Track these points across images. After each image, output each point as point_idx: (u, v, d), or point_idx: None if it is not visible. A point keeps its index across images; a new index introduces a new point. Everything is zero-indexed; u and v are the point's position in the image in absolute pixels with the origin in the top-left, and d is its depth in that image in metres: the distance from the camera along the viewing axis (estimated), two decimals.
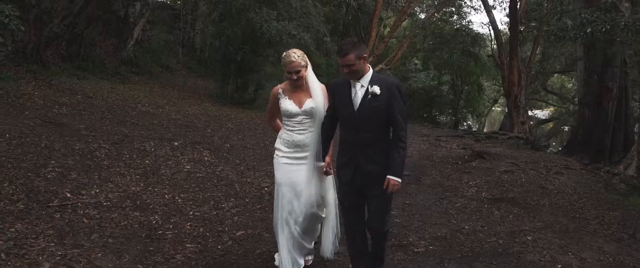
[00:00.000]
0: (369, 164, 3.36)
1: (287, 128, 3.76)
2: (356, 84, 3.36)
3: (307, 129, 3.70)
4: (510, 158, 10.17)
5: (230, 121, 11.97)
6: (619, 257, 4.82)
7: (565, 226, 5.85)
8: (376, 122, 3.33)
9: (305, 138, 3.68)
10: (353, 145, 3.40)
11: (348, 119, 3.41)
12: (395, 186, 3.29)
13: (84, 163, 6.33)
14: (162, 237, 4.46)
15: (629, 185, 8.42)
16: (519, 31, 17.41)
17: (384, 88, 3.29)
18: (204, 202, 5.74)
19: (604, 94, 11.51)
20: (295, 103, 3.68)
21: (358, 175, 3.41)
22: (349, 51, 3.25)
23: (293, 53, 3.63)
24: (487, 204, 6.77)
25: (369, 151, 3.36)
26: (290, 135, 3.73)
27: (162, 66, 18.22)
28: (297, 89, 3.71)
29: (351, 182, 3.46)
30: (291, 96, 3.71)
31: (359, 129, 3.34)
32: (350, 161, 3.43)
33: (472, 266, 4.33)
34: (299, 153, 3.70)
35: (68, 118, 8.58)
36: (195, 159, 7.70)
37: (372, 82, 3.33)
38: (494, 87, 28.96)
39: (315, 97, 3.66)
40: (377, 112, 3.30)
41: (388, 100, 3.28)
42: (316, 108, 3.65)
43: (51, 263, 3.57)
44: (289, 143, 3.72)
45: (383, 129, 3.37)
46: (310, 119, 3.69)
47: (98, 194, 5.37)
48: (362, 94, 3.33)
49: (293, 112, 3.68)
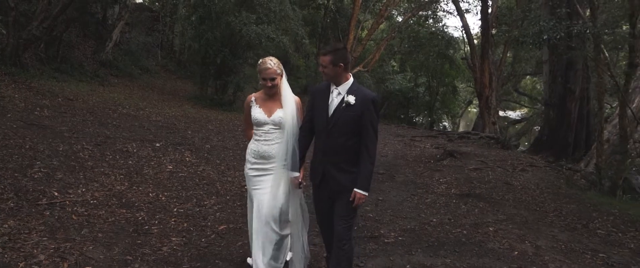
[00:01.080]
0: (336, 172, 3.40)
1: (255, 137, 3.74)
2: (334, 91, 3.41)
3: (274, 140, 3.66)
4: (480, 157, 10.68)
5: (210, 123, 12.21)
6: (570, 244, 5.28)
7: (525, 218, 6.31)
8: (347, 130, 3.34)
9: (271, 149, 3.65)
10: (322, 150, 3.44)
11: (321, 124, 3.43)
12: (361, 199, 3.35)
13: (68, 163, 6.54)
14: (149, 232, 4.73)
15: (588, 181, 8.99)
16: (490, 35, 18.05)
17: (359, 99, 3.33)
18: (187, 200, 6.02)
19: (568, 95, 12.16)
20: (265, 112, 3.66)
21: (325, 179, 3.46)
22: (328, 53, 3.32)
23: (269, 60, 3.62)
24: (455, 199, 7.21)
25: (335, 159, 3.40)
26: (257, 145, 3.70)
27: (141, 68, 18.32)
28: (270, 98, 3.68)
29: (320, 186, 3.52)
30: (263, 104, 3.69)
31: (330, 135, 3.37)
32: (319, 165, 3.48)
33: (437, 254, 4.73)
34: (265, 164, 3.68)
35: (50, 120, 8.72)
36: (177, 159, 7.95)
37: (350, 91, 3.37)
38: (468, 89, 29.72)
39: (286, 108, 3.63)
40: (349, 121, 3.32)
41: (361, 111, 3.31)
42: (285, 118, 3.61)
43: (46, 256, 3.82)
44: (256, 153, 3.70)
45: (353, 139, 3.37)
46: (279, 130, 3.65)
47: (84, 193, 5.60)
48: (338, 102, 3.37)
49: (261, 121, 3.65)
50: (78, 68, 14.55)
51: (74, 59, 15.00)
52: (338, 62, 3.32)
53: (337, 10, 26.38)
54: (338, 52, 3.33)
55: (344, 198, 3.37)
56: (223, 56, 14.64)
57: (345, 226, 3.43)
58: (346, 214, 3.42)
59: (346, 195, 3.36)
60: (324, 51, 3.36)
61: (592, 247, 5.28)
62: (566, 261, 4.73)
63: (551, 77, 12.73)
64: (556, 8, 9.80)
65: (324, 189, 3.52)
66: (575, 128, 12.23)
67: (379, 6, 26.26)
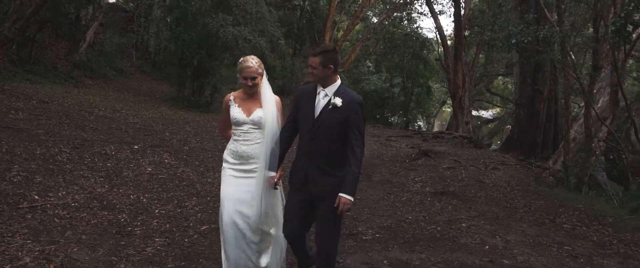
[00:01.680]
0: (320, 176, 3.31)
1: (234, 137, 3.65)
2: (321, 92, 3.34)
3: (253, 141, 3.58)
4: (454, 156, 10.99)
5: (187, 125, 12.22)
6: (538, 238, 5.57)
7: (496, 214, 6.60)
8: (332, 133, 3.28)
9: (250, 149, 3.57)
10: (306, 152, 3.35)
11: (306, 126, 3.35)
12: (347, 204, 3.22)
13: (47, 167, 6.53)
14: (132, 233, 4.81)
15: (555, 178, 9.38)
16: (463, 37, 18.50)
17: (346, 102, 3.26)
18: (168, 201, 6.09)
19: (536, 96, 12.62)
20: (244, 111, 3.58)
21: (310, 184, 3.33)
22: (317, 54, 3.25)
23: (251, 59, 3.55)
24: (430, 197, 7.46)
25: (319, 162, 3.31)
26: (235, 145, 3.61)
27: (116, 69, 18.13)
28: (249, 97, 3.61)
29: (302, 189, 3.38)
30: (242, 104, 3.62)
31: (315, 137, 3.30)
32: (302, 168, 3.37)
33: (413, 249, 4.94)
34: (245, 165, 3.59)
35: (25, 123, 8.65)
36: (156, 161, 7.99)
37: (337, 93, 3.30)
38: (442, 90, 30.27)
39: (266, 108, 3.56)
40: (335, 123, 3.26)
41: (348, 114, 3.24)
42: (265, 118, 3.54)
43: (31, 258, 3.88)
44: (235, 153, 3.60)
45: (338, 142, 3.29)
46: (258, 130, 3.57)
47: (65, 196, 5.63)
48: (324, 103, 3.31)
49: (240, 120, 3.57)
50: (52, 70, 14.35)
51: (47, 60, 14.78)
52: (328, 63, 3.26)
53: (313, 11, 26.58)
54: (328, 54, 3.27)
55: (327, 204, 3.26)
56: (200, 57, 14.64)
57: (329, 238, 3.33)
58: (330, 220, 3.31)
59: (329, 201, 3.24)
60: (314, 52, 3.28)
61: (558, 240, 5.57)
62: (534, 254, 4.99)
63: (521, 78, 13.20)
64: (524, 13, 10.20)
65: (305, 193, 3.38)
66: (543, 127, 12.71)
67: (354, 7, 26.61)
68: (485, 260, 4.72)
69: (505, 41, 8.48)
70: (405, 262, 4.54)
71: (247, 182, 3.55)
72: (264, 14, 16.22)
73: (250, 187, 3.53)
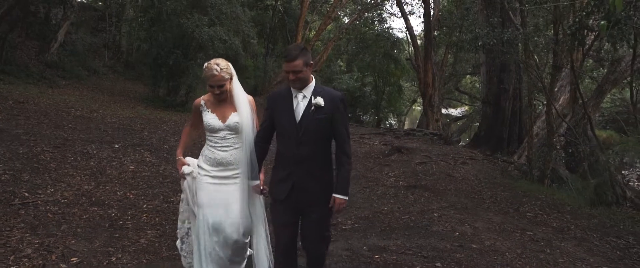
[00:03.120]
0: (309, 181, 3.11)
1: (209, 143, 3.46)
2: (298, 95, 3.13)
3: (232, 146, 3.41)
4: (425, 152, 11.49)
5: (164, 124, 12.35)
6: (503, 225, 6.05)
7: (465, 204, 7.07)
8: (318, 135, 3.11)
9: (229, 155, 3.40)
10: (292, 160, 3.12)
11: (288, 132, 3.13)
12: (342, 204, 3.12)
13: (31, 166, 6.66)
14: (124, 226, 5.04)
15: (520, 171, 9.96)
16: (432, 37, 19.10)
17: (328, 100, 3.09)
18: (154, 197, 6.32)
19: (502, 94, 13.28)
20: (219, 117, 3.40)
21: (296, 192, 3.13)
22: (298, 56, 3.02)
23: (215, 65, 3.31)
24: (403, 190, 7.89)
25: (309, 167, 3.11)
26: (212, 152, 3.43)
27: (89, 69, 18.01)
28: (221, 102, 3.43)
29: (287, 200, 3.15)
30: (214, 109, 3.43)
31: (300, 142, 3.09)
32: (289, 177, 3.13)
33: (389, 237, 5.33)
34: (224, 172, 3.41)
35: (4, 123, 8.68)
36: (137, 160, 8.17)
37: (316, 93, 3.11)
38: (413, 88, 30.95)
39: (241, 112, 3.38)
40: (320, 125, 3.09)
41: (332, 113, 3.09)
42: (241, 122, 3.36)
43: (32, 250, 4.08)
44: (212, 160, 3.42)
45: (324, 144, 3.15)
46: (235, 136, 3.41)
47: (54, 193, 5.80)
48: (305, 106, 3.11)
49: (216, 127, 3.39)
50: (24, 70, 14.23)
51: (18, 60, 14.64)
52: (308, 61, 3.09)
53: (285, 11, 26.84)
54: (305, 52, 3.08)
55: (318, 209, 3.14)
56: (175, 57, 14.74)
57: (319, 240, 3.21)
58: (320, 227, 3.19)
59: (319, 206, 3.13)
60: (293, 56, 3.02)
61: (521, 227, 6.06)
62: (499, 239, 5.45)
63: (487, 77, 13.85)
64: (490, 16, 10.78)
65: (292, 203, 3.16)
66: (509, 124, 13.38)
67: (326, 8, 27.01)
68: (455, 244, 5.14)
69: (472, 42, 9.02)
70: (382, 247, 4.92)
71: (226, 189, 3.39)
72: (239, 14, 16.41)
73: (229, 195, 3.37)
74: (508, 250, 5.04)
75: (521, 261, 4.76)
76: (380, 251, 4.80)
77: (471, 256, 4.78)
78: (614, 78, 10.54)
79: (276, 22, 26.82)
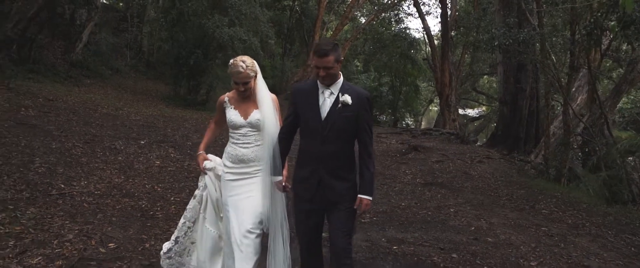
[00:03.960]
0: (333, 179, 3.09)
1: (232, 140, 3.48)
2: (325, 91, 3.10)
3: (253, 143, 3.42)
4: (442, 151, 11.63)
5: (186, 122, 12.69)
6: (518, 221, 6.20)
7: (481, 201, 7.22)
8: (343, 133, 3.07)
9: (250, 152, 3.41)
10: (316, 158, 3.10)
11: (313, 129, 3.10)
12: (368, 206, 3.10)
13: (65, 159, 7.00)
14: (154, 216, 5.32)
15: (536, 170, 10.06)
16: (449, 37, 19.19)
17: (355, 98, 3.06)
18: (181, 190, 6.60)
19: (519, 94, 13.34)
20: (241, 114, 3.43)
21: (320, 191, 3.10)
22: (330, 52, 2.98)
23: (241, 62, 3.34)
24: (420, 187, 8.07)
25: (333, 165, 3.09)
26: (234, 148, 3.44)
27: (112, 68, 18.48)
28: (245, 99, 3.46)
29: (312, 199, 3.15)
30: (238, 106, 3.47)
31: (325, 140, 3.06)
32: (312, 175, 3.11)
33: (407, 230, 5.52)
34: (244, 169, 3.42)
35: (37, 119, 9.07)
36: (162, 155, 8.48)
37: (343, 90, 3.08)
38: (430, 88, 30.97)
39: (263, 109, 3.39)
40: (346, 123, 3.05)
41: (358, 111, 3.06)
42: (263, 120, 3.37)
43: (73, 235, 4.37)
44: (233, 157, 3.43)
45: (349, 142, 3.12)
46: (257, 133, 3.41)
47: (87, 185, 6.11)
48: (332, 103, 3.07)
49: (238, 123, 3.42)
50: (51, 69, 14.70)
51: (45, 60, 15.12)
52: (340, 58, 3.05)
53: (302, 12, 27.13)
54: (337, 48, 3.03)
55: (342, 208, 3.10)
56: (196, 57, 15.09)
57: (346, 239, 3.13)
58: (346, 225, 3.12)
59: (344, 205, 3.09)
60: (324, 51, 2.98)
61: (536, 223, 6.20)
62: (514, 233, 5.61)
63: (504, 77, 13.91)
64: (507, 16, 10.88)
65: (316, 202, 3.15)
66: (526, 123, 13.43)
67: (343, 8, 27.23)
68: (471, 238, 5.32)
69: (488, 43, 9.16)
70: (400, 239, 5.12)
71: (246, 182, 3.41)
72: (258, 15, 16.71)
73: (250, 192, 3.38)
74: (522, 244, 5.20)
75: (535, 254, 4.91)
76: (398, 243, 5.00)
77: (486, 249, 4.95)
78: (631, 78, 10.56)
79: (293, 23, 27.12)
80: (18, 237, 4.16)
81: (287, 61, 25.14)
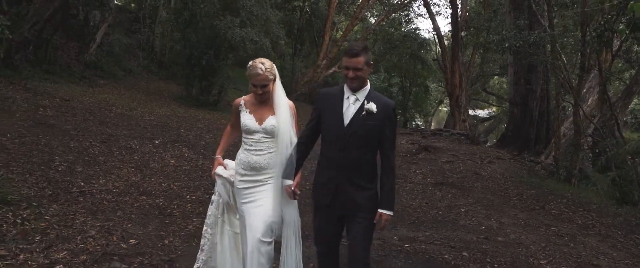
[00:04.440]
0: (351, 188, 3.00)
1: (244, 146, 3.37)
2: (351, 97, 3.02)
3: (266, 150, 3.29)
4: (452, 151, 11.70)
5: (199, 122, 12.87)
6: (528, 221, 6.28)
7: (491, 201, 7.30)
8: (365, 142, 2.99)
9: (262, 159, 3.29)
10: (335, 164, 3.02)
11: (334, 135, 3.02)
12: (388, 220, 3.07)
13: (83, 158, 7.18)
14: (172, 214, 5.47)
15: (547, 171, 10.10)
16: (460, 38, 19.21)
17: (380, 107, 2.97)
18: (196, 189, 6.76)
19: (530, 95, 13.38)
20: (256, 119, 3.31)
21: (338, 198, 3.03)
22: (361, 53, 2.91)
23: (260, 64, 3.23)
24: (431, 187, 8.16)
25: (352, 173, 3.00)
26: (246, 155, 3.34)
27: (124, 69, 18.73)
28: (261, 103, 3.35)
29: (329, 205, 3.07)
30: (253, 110, 3.35)
31: (345, 146, 2.98)
32: (330, 181, 3.04)
33: (418, 229, 5.63)
34: (256, 176, 3.32)
35: (54, 119, 9.27)
36: (177, 155, 8.65)
37: (369, 98, 2.99)
38: (440, 89, 30.98)
39: (279, 115, 3.28)
40: (368, 131, 2.97)
41: (382, 121, 2.97)
42: (278, 126, 3.26)
43: (95, 231, 4.53)
44: (245, 164, 3.33)
45: (370, 151, 3.03)
46: (270, 139, 3.29)
47: (106, 183, 6.28)
48: (356, 109, 2.99)
49: (252, 128, 3.30)
50: (66, 69, 14.95)
51: (60, 61, 15.38)
52: (370, 62, 2.99)
53: (313, 12, 27.25)
54: (368, 51, 2.97)
55: (361, 220, 3.02)
56: (208, 57, 15.28)
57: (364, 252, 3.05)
58: (365, 238, 3.06)
59: (363, 216, 3.01)
60: (355, 52, 2.92)
61: (546, 223, 6.28)
62: (524, 232, 5.69)
63: (515, 78, 13.95)
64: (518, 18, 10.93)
65: (335, 210, 3.08)
66: (536, 124, 13.47)
67: (353, 8, 27.31)
68: (481, 237, 5.41)
69: (498, 44, 9.23)
70: (412, 237, 5.23)
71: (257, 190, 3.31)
72: (269, 16, 16.87)
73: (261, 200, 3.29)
74: (532, 243, 5.28)
75: (545, 253, 5.00)
76: (410, 241, 5.10)
77: (496, 247, 5.04)
78: None
79: (303, 23, 27.25)
80: (43, 232, 4.33)
81: (297, 61, 25.27)
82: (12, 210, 4.66)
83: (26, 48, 13.81)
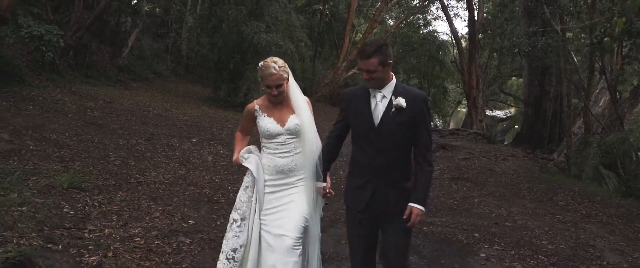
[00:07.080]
0: (390, 190, 2.86)
1: (267, 151, 3.22)
2: (377, 94, 2.86)
3: (292, 151, 3.15)
4: (468, 149, 12.33)
5: (229, 122, 13.70)
6: (535, 210, 6.93)
7: (503, 193, 7.96)
8: (399, 140, 2.83)
9: (290, 161, 3.15)
10: (370, 167, 2.87)
11: (366, 136, 2.89)
12: (419, 216, 2.81)
13: (133, 154, 8.03)
14: (218, 201, 6.26)
15: (558, 168, 10.67)
16: (477, 40, 19.78)
17: (410, 101, 2.80)
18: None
19: (543, 96, 13.95)
20: (277, 121, 3.15)
21: (375, 202, 2.87)
22: (372, 54, 2.74)
23: (273, 63, 3.08)
24: (448, 181, 8.84)
25: (389, 175, 2.85)
26: (271, 159, 3.18)
27: (155, 72, 19.78)
28: (277, 104, 3.19)
29: (365, 210, 2.90)
30: (271, 113, 3.18)
31: (379, 147, 2.84)
32: (367, 185, 2.89)
33: (435, 215, 6.33)
34: (284, 180, 3.16)
35: (102, 119, 10.18)
36: (213, 152, 9.46)
37: (396, 93, 2.83)
38: (458, 90, 31.46)
39: (300, 113, 3.15)
40: (401, 128, 2.81)
41: (414, 115, 2.81)
42: (302, 125, 3.12)
43: (159, 213, 5.34)
44: (271, 168, 3.17)
45: (405, 149, 2.88)
46: (296, 139, 3.14)
47: (157, 175, 7.11)
48: (384, 107, 2.84)
49: (275, 132, 3.14)
50: (103, 73, 15.99)
51: (97, 65, 16.43)
52: (387, 61, 2.79)
53: (332, 16, 27.98)
54: (384, 50, 2.78)
55: (399, 223, 2.84)
56: (235, 61, 16.17)
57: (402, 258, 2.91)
58: (403, 243, 2.91)
59: (400, 218, 2.81)
60: (367, 53, 2.77)
61: (552, 212, 6.92)
62: (530, 219, 6.35)
63: (529, 80, 14.55)
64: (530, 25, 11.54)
65: (370, 214, 2.92)
66: (549, 124, 14.04)
67: (372, 11, 27.99)
68: (491, 222, 6.09)
69: (509, 49, 9.88)
70: (429, 222, 5.93)
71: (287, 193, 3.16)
72: (293, 21, 17.68)
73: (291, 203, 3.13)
74: (537, 228, 5.94)
75: (547, 236, 5.66)
76: (427, 224, 5.80)
77: (505, 231, 5.72)
78: None
79: (324, 26, 27.99)
80: (118, 213, 5.15)
81: (318, 64, 26.04)
82: (88, 195, 5.49)
83: (67, 54, 14.87)
